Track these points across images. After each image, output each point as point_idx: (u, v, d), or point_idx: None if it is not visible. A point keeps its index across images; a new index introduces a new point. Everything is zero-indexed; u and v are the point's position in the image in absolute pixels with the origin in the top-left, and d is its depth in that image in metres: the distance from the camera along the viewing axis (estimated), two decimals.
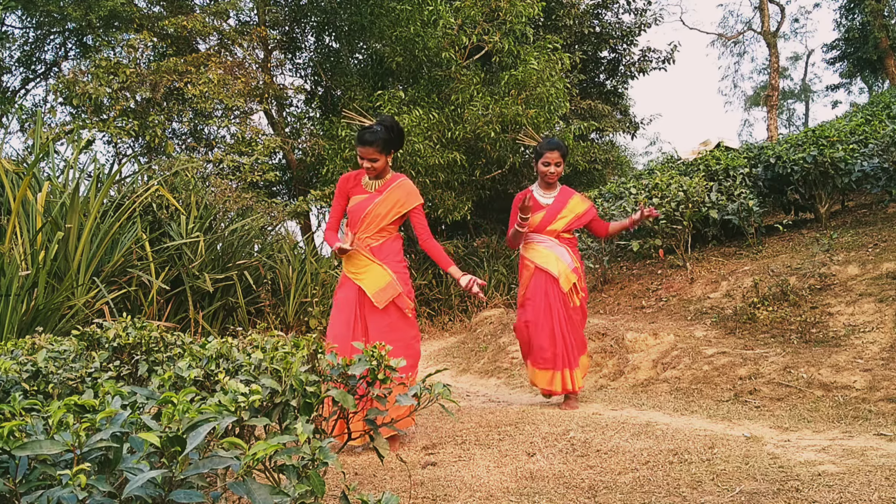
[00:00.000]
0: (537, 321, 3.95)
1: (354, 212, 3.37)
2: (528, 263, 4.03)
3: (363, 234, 3.34)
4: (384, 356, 1.72)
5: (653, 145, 33.02)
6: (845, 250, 5.46)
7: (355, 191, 3.42)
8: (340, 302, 3.35)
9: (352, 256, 3.34)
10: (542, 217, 4.00)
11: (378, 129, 3.28)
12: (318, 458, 1.17)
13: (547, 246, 4.01)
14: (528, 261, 4.03)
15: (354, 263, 3.34)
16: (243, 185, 8.33)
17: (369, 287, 3.28)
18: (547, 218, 4.00)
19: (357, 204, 3.38)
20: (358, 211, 3.36)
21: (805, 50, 42.40)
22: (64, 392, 1.93)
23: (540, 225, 4.00)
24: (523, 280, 4.06)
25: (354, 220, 3.36)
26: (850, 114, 10.73)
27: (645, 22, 13.59)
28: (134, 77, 8.07)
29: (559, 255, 4.00)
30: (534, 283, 3.98)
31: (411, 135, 8.87)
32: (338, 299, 3.37)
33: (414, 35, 9.37)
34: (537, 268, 3.98)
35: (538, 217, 3.99)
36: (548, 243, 4.02)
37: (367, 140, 3.27)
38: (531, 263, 4.01)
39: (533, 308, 3.98)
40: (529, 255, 4.04)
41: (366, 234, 3.34)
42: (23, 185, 4.41)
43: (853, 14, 19.18)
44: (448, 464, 2.81)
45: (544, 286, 3.97)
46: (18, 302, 3.87)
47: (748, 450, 2.74)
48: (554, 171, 3.94)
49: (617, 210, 6.64)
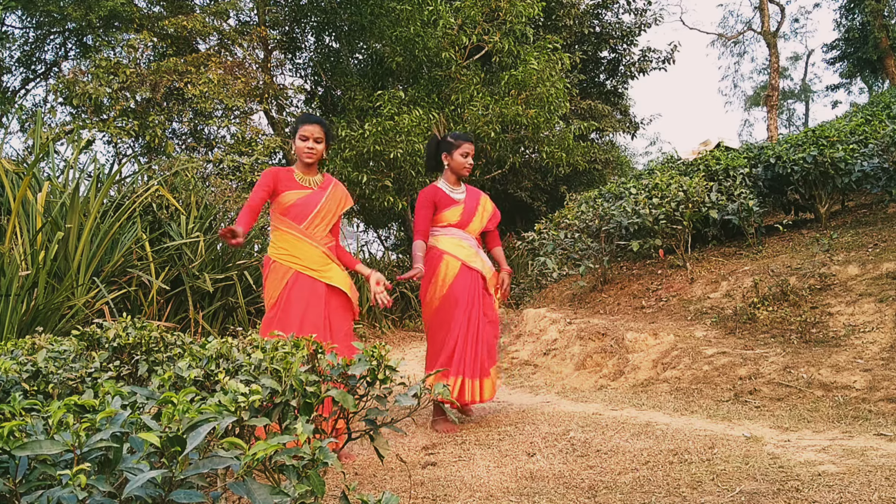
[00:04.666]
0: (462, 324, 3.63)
1: (300, 206, 3.18)
2: (452, 259, 3.66)
3: (314, 230, 3.20)
4: (384, 356, 1.72)
5: (653, 145, 33.06)
6: (845, 250, 5.46)
7: (289, 186, 3.20)
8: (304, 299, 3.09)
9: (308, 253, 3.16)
10: (462, 213, 3.75)
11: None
12: (318, 458, 1.17)
13: (471, 244, 3.77)
14: (450, 255, 3.67)
15: (314, 260, 3.16)
16: (243, 185, 8.33)
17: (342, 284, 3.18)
18: (466, 214, 3.76)
19: (302, 199, 3.19)
20: (306, 206, 3.18)
21: (805, 50, 42.48)
22: (64, 392, 1.93)
23: (461, 221, 3.75)
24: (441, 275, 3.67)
25: (301, 215, 3.18)
26: (850, 114, 10.73)
27: (645, 22, 13.60)
28: (134, 77, 8.07)
29: (484, 258, 3.81)
30: (459, 279, 3.65)
31: (411, 135, 8.88)
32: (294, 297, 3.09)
33: (414, 35, 9.37)
34: (465, 265, 3.68)
35: (455, 213, 3.73)
36: (472, 242, 3.78)
37: (315, 119, 3.21)
38: (456, 259, 3.67)
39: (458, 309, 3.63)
40: (453, 251, 3.69)
41: (317, 231, 3.21)
42: (23, 185, 4.41)
43: (853, 14, 19.19)
44: (448, 464, 2.81)
45: (470, 285, 3.68)
46: (18, 302, 3.87)
47: (748, 450, 2.74)
48: (472, 163, 3.76)
49: (617, 210, 6.63)
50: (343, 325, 3.20)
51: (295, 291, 3.10)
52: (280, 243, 3.18)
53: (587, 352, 5.33)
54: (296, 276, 3.12)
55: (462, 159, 3.74)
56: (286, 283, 3.11)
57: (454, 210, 3.74)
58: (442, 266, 3.67)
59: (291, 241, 3.16)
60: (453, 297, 3.64)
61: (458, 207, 3.75)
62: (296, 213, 3.17)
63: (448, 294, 3.65)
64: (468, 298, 3.67)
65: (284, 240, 3.17)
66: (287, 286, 3.11)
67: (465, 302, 3.65)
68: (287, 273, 3.12)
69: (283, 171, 3.26)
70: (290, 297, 3.10)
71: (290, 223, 3.17)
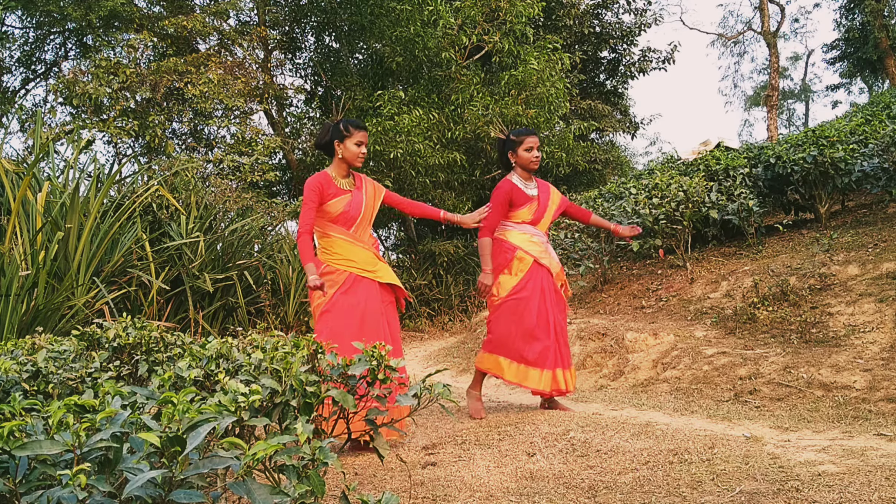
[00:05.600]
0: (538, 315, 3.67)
1: (347, 212, 3.28)
2: (524, 255, 3.70)
3: (362, 233, 3.34)
4: (384, 356, 1.72)
5: (653, 145, 33.03)
6: (845, 250, 5.46)
7: (333, 193, 3.29)
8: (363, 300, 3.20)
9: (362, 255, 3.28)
10: (535, 210, 3.75)
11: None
12: (318, 458, 1.17)
13: (542, 240, 3.78)
14: (523, 251, 3.70)
15: (367, 262, 3.28)
16: (243, 185, 8.33)
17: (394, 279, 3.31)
18: (540, 210, 3.76)
19: (348, 203, 3.28)
20: (353, 210, 3.30)
21: (805, 50, 42.47)
22: (64, 392, 1.93)
23: (534, 219, 3.75)
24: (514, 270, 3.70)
25: (349, 219, 3.30)
26: (850, 114, 10.73)
27: (645, 22, 13.60)
28: (134, 77, 8.07)
29: (553, 254, 3.84)
30: (530, 276, 3.69)
31: (411, 135, 8.88)
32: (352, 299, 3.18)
33: (414, 35, 9.37)
34: (536, 261, 3.70)
35: (529, 210, 3.73)
36: (543, 238, 3.79)
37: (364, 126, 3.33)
38: (527, 255, 3.70)
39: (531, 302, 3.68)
40: (526, 247, 3.71)
41: (364, 232, 3.35)
42: (23, 185, 4.41)
43: (853, 14, 19.18)
44: (448, 464, 2.81)
45: (541, 282, 3.71)
46: (18, 302, 3.87)
47: (748, 450, 2.74)
48: (538, 155, 3.76)
49: (617, 210, 6.63)
50: (395, 322, 3.32)
51: (352, 293, 3.21)
52: (334, 248, 3.28)
53: (587, 352, 5.33)
54: (353, 279, 3.23)
55: (527, 154, 3.74)
56: (341, 284, 3.21)
57: (529, 207, 3.74)
58: (515, 262, 3.69)
59: (345, 245, 3.28)
60: (526, 292, 3.67)
61: (532, 205, 3.75)
62: (345, 220, 3.29)
63: (519, 288, 3.68)
64: (541, 293, 3.70)
65: (338, 245, 3.28)
66: (342, 288, 3.21)
67: (539, 297, 3.69)
68: (342, 275, 3.23)
69: (323, 178, 3.32)
70: (349, 298, 3.19)
71: (340, 229, 3.29)
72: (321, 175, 3.33)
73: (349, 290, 3.21)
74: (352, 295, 3.20)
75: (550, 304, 3.73)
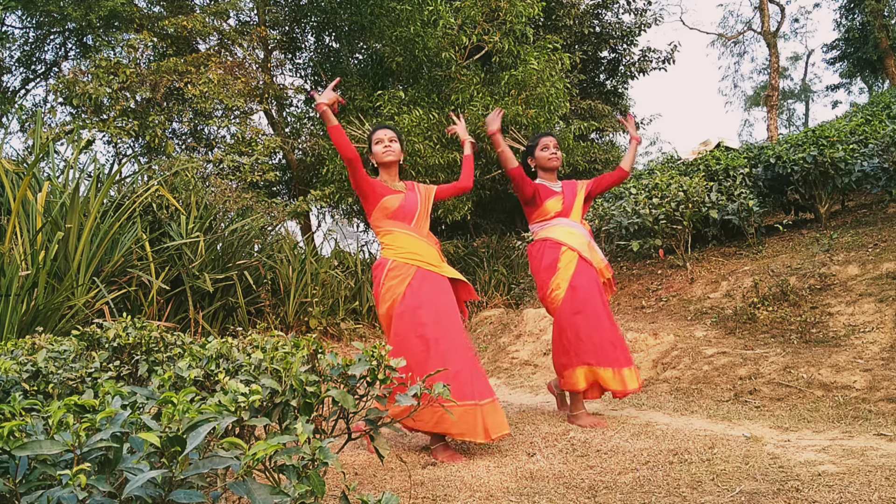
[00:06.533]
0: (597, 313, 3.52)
1: (405, 208, 3.26)
2: (569, 251, 3.58)
3: (421, 228, 3.30)
4: (384, 356, 1.72)
5: (653, 145, 32.97)
6: (845, 250, 5.46)
7: (387, 191, 3.28)
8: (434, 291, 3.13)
9: (427, 250, 3.24)
10: (563, 202, 3.68)
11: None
12: (318, 458, 1.17)
13: (581, 231, 3.67)
14: (566, 246, 3.58)
15: (433, 256, 3.24)
16: (243, 185, 8.33)
17: (458, 275, 3.29)
18: (567, 201, 3.70)
19: (403, 201, 3.27)
20: (409, 207, 3.28)
21: (805, 50, 42.43)
22: (64, 392, 1.93)
23: (564, 209, 3.68)
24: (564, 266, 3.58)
25: (407, 214, 3.27)
26: (850, 114, 10.72)
27: (645, 22, 13.59)
28: (134, 77, 8.07)
29: (593, 245, 3.71)
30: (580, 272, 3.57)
31: (411, 135, 8.87)
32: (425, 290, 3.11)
33: (414, 35, 9.37)
34: (582, 257, 3.59)
35: (557, 202, 3.67)
36: (580, 228, 3.68)
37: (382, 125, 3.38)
38: (573, 251, 3.58)
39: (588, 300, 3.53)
40: (567, 240, 3.59)
41: (423, 229, 3.31)
42: (23, 185, 4.41)
43: (853, 14, 19.17)
44: (448, 464, 2.81)
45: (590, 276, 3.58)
46: (18, 302, 3.87)
47: (748, 450, 2.74)
48: (555, 152, 3.73)
49: (617, 210, 6.63)
50: (460, 318, 3.22)
51: (425, 286, 3.12)
52: (398, 243, 3.23)
53: None
54: (421, 273, 3.16)
55: (544, 153, 3.74)
56: (411, 279, 3.14)
57: (556, 200, 3.68)
58: (563, 258, 3.59)
59: (409, 240, 3.23)
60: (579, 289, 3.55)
61: (558, 197, 3.69)
62: (403, 215, 3.26)
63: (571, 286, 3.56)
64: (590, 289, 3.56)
65: (402, 239, 3.23)
66: (413, 283, 3.13)
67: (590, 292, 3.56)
68: (410, 270, 3.16)
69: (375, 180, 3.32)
70: (420, 293, 3.10)
71: (400, 223, 3.25)
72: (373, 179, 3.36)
73: (421, 285, 3.12)
74: (423, 290, 3.11)
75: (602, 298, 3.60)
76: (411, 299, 3.09)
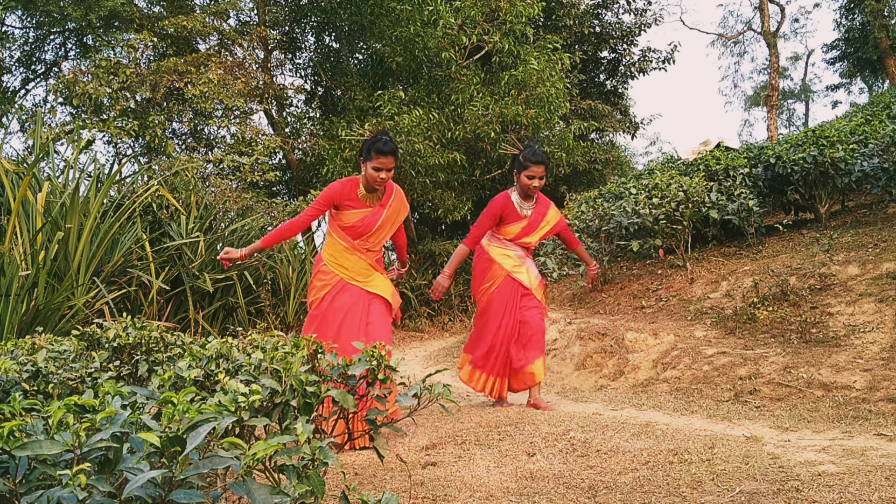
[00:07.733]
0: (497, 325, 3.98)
1: (359, 226, 3.39)
2: (498, 270, 3.98)
3: (366, 244, 3.43)
4: (384, 356, 1.72)
5: (653, 145, 33.02)
6: (845, 250, 5.46)
7: (352, 204, 3.38)
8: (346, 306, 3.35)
9: (356, 264, 3.40)
10: (521, 229, 3.98)
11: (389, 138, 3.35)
12: (318, 458, 1.17)
13: (519, 255, 4.02)
14: (497, 265, 3.98)
15: (359, 271, 3.40)
16: (243, 185, 8.33)
17: (385, 292, 3.42)
18: (525, 230, 4.00)
19: (362, 220, 3.39)
20: (365, 226, 3.40)
21: (805, 50, 42.37)
22: (64, 392, 1.93)
23: (517, 236, 3.99)
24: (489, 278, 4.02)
25: (358, 233, 3.40)
26: (850, 114, 10.72)
27: (645, 22, 13.60)
28: (134, 77, 8.07)
29: (529, 267, 4.04)
30: (501, 288, 3.96)
31: (411, 135, 8.87)
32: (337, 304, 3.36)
33: (414, 35, 9.37)
34: (509, 275, 3.96)
35: (516, 228, 3.97)
36: (520, 253, 4.03)
37: (390, 150, 3.30)
38: (501, 270, 3.98)
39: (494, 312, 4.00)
40: (501, 261, 3.99)
41: (370, 244, 3.44)
42: (23, 185, 4.41)
43: (853, 14, 19.17)
44: (448, 464, 2.81)
45: (507, 295, 3.96)
46: (18, 302, 3.87)
47: (748, 450, 2.74)
48: (537, 184, 3.90)
49: (617, 210, 6.63)
50: (383, 329, 3.39)
51: (338, 299, 3.35)
52: (331, 250, 3.44)
53: (587, 352, 5.34)
54: (342, 284, 3.37)
55: (527, 181, 3.92)
56: (331, 288, 3.37)
57: (517, 226, 3.98)
58: (490, 273, 3.99)
59: (342, 252, 3.41)
60: (494, 304, 3.97)
61: (521, 223, 3.98)
62: (354, 232, 3.40)
63: (490, 300, 3.99)
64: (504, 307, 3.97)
65: (336, 249, 3.42)
66: (331, 292, 3.37)
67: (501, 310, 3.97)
68: (333, 279, 3.37)
69: (348, 185, 3.40)
70: (333, 303, 3.35)
71: (345, 236, 3.41)
72: (349, 182, 3.41)
73: (336, 296, 3.35)
74: (337, 301, 3.34)
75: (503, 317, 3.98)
76: (325, 307, 3.36)
